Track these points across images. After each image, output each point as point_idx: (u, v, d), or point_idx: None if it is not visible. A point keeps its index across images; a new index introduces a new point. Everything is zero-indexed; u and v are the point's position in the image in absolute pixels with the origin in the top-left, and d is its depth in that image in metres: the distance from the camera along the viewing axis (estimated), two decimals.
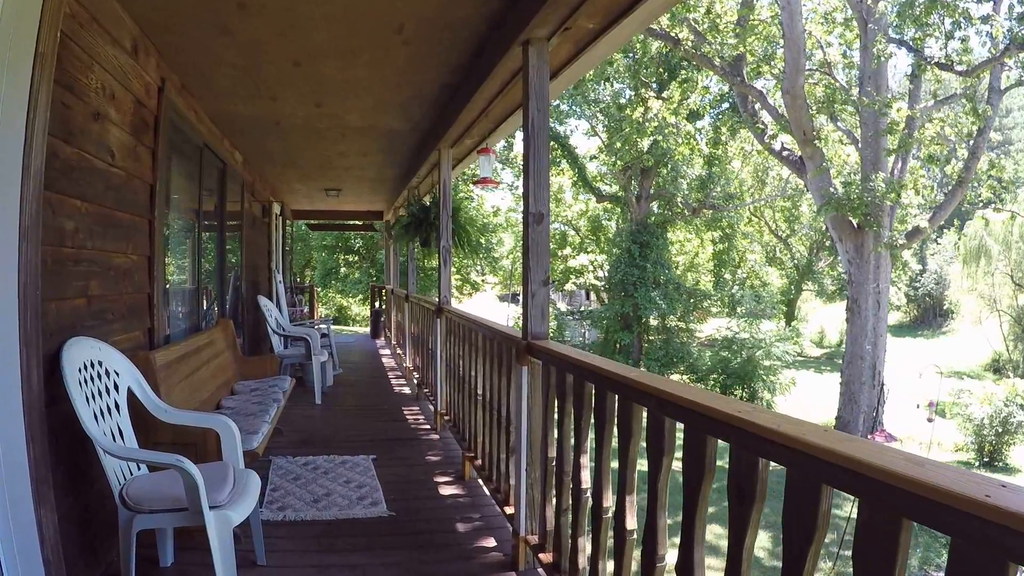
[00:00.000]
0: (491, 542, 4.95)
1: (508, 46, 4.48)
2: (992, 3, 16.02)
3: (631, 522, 3.05)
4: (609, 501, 3.31)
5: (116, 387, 4.12)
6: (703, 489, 2.46)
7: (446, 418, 7.87)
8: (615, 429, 3.16)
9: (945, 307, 54.18)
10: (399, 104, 7.10)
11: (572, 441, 3.71)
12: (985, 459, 22.30)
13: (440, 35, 5.07)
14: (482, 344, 5.77)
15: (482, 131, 7.39)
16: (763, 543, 12.90)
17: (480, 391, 5.86)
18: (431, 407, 8.87)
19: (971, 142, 18.17)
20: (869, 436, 17.20)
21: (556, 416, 3.94)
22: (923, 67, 16.75)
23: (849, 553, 12.18)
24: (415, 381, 10.70)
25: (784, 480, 2.05)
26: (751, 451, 2.17)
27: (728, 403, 2.32)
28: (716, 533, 12.88)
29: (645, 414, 2.85)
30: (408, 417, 9.06)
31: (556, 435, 3.94)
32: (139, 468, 4.02)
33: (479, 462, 5.96)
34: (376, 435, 8.04)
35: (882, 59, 17.24)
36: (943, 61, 16.46)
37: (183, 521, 3.58)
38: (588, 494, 3.57)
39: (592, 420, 3.46)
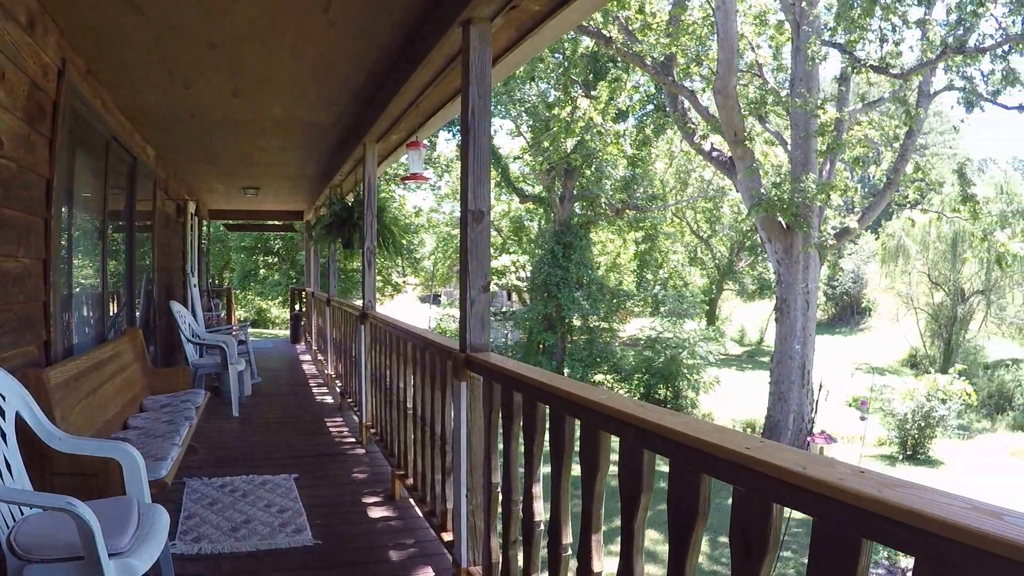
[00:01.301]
0: (429, 572, 4.54)
1: (447, 26, 4.04)
2: (925, 8, 16.13)
3: (597, 564, 2.64)
4: (569, 538, 2.89)
5: (2, 413, 3.57)
6: (695, 533, 2.08)
7: (372, 431, 7.35)
8: (577, 458, 2.75)
9: (863, 305, 55.54)
10: (323, 95, 6.65)
11: (522, 467, 3.27)
12: (908, 452, 22.75)
13: (370, 13, 4.61)
14: (412, 354, 5.30)
15: (411, 125, 6.92)
16: None
17: (411, 405, 5.38)
18: (356, 419, 8.36)
19: (899, 145, 18.35)
20: (808, 438, 17.19)
21: (501, 437, 3.50)
22: (857, 69, 16.83)
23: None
24: (338, 390, 10.18)
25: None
26: (765, 496, 1.79)
27: (733, 438, 1.92)
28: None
29: (618, 444, 2.44)
30: (332, 430, 8.57)
31: (501, 459, 3.51)
32: (31, 508, 3.46)
33: (410, 481, 5.48)
34: (298, 451, 7.55)
35: (816, 61, 17.27)
36: (877, 64, 16.53)
37: (80, 572, 3.03)
38: (543, 528, 3.15)
39: (547, 446, 3.03)
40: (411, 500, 5.63)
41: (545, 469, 3.01)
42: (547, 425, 2.99)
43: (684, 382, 30.27)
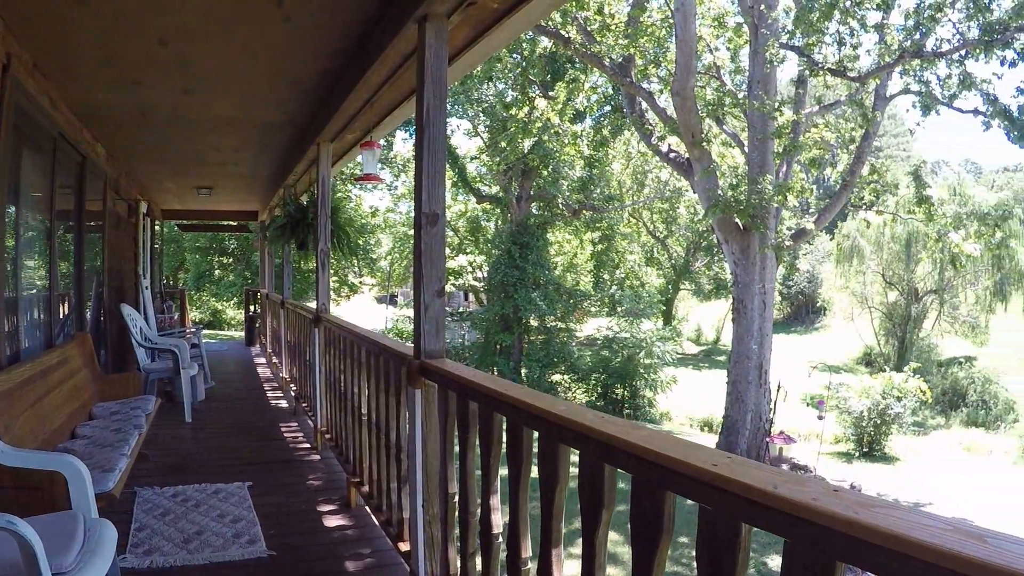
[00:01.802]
0: None
1: (402, 23, 3.92)
2: (883, 13, 16.26)
3: None
4: (529, 551, 2.80)
5: None
6: (660, 551, 2.00)
7: (327, 437, 7.21)
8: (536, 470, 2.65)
9: (818, 304, 56.22)
10: (276, 93, 6.51)
11: (479, 477, 3.17)
12: (864, 449, 23.09)
13: (324, 9, 4.48)
14: (366, 359, 5.17)
15: (366, 124, 6.79)
16: None
17: (365, 411, 5.26)
18: (311, 423, 8.20)
19: (855, 147, 18.51)
20: (767, 439, 17.32)
21: (457, 447, 3.39)
22: (815, 72, 16.93)
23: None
24: (292, 393, 10.01)
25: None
26: (734, 516, 1.71)
27: (699, 454, 1.83)
28: None
29: (577, 458, 2.34)
30: (286, 435, 8.40)
31: (458, 468, 3.40)
32: None
33: (366, 489, 5.36)
34: (252, 457, 7.38)
35: (774, 63, 17.36)
36: (835, 67, 16.65)
37: None
38: (501, 541, 3.05)
39: (504, 456, 2.93)
40: (367, 508, 5.49)
41: (505, 473, 2.92)
42: (504, 435, 2.89)
43: (641, 382, 30.48)
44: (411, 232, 41.29)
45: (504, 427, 2.89)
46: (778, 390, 13.94)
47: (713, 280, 49.81)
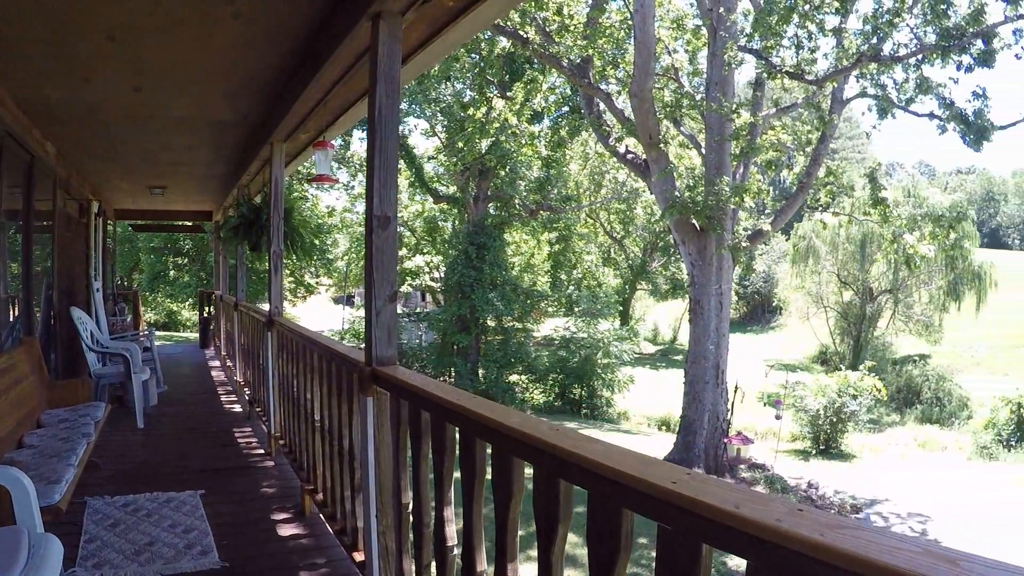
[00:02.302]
0: None
1: (355, 20, 3.82)
2: (841, 17, 16.38)
3: None
4: (484, 565, 2.72)
5: None
6: (617, 569, 1.92)
7: (281, 443, 7.07)
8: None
9: (774, 304, 56.86)
10: (229, 91, 6.37)
11: (433, 488, 3.08)
12: (821, 447, 23.33)
13: (277, 5, 4.36)
14: (319, 365, 5.06)
15: (319, 124, 6.67)
16: None
17: (318, 418, 5.14)
18: (264, 428, 8.04)
19: (811, 149, 18.65)
20: (725, 439, 17.38)
21: (410, 456, 3.30)
22: (773, 75, 17.01)
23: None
24: (247, 398, 9.82)
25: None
26: (694, 536, 1.63)
27: (657, 470, 1.76)
28: None
29: (532, 472, 2.26)
30: (240, 441, 8.25)
31: (411, 478, 3.31)
32: None
33: (320, 496, 5.25)
34: (205, 464, 7.23)
35: (732, 66, 17.43)
36: (793, 70, 16.74)
37: None
38: (456, 553, 2.96)
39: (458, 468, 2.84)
40: (322, 516, 5.37)
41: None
42: (457, 447, 2.80)
43: (599, 382, 30.67)
44: None
45: (457, 438, 2.80)
46: (735, 391, 14.00)
47: (670, 280, 50.19)
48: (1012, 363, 45.65)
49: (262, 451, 7.69)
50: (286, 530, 5.40)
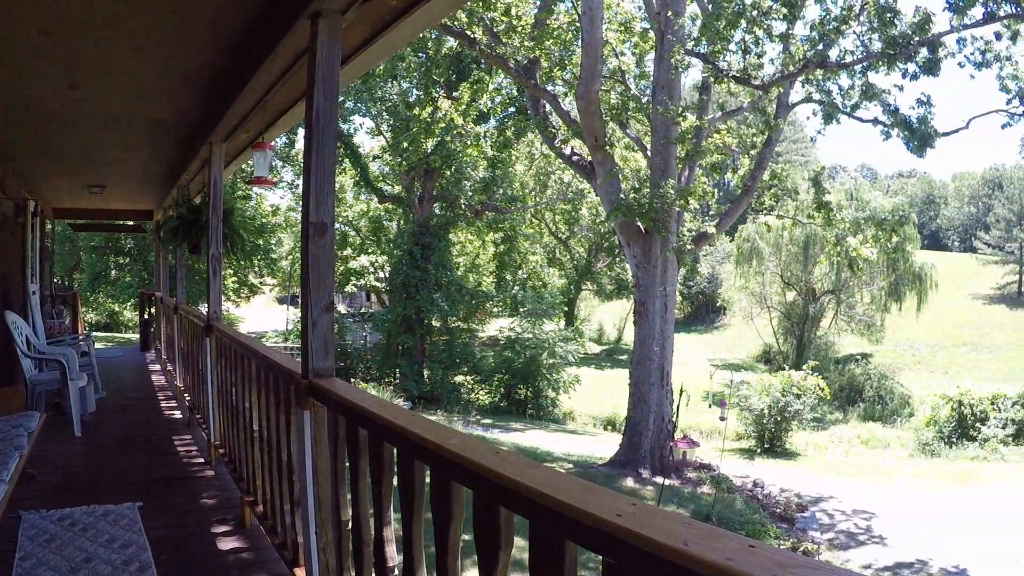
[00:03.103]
0: None
1: (294, 18, 3.67)
2: (788, 24, 16.50)
3: None
4: None
5: None
6: None
7: (221, 452, 6.89)
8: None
9: (718, 304, 57.51)
10: (166, 89, 6.18)
11: (372, 507, 2.96)
12: (766, 445, 23.58)
13: (215, 2, 4.20)
14: (256, 374, 4.90)
15: (260, 124, 6.52)
16: None
17: (257, 428, 4.98)
18: (205, 436, 7.82)
19: (756, 152, 18.80)
20: (671, 443, 17.42)
21: (350, 472, 3.18)
22: (720, 79, 17.09)
23: None
24: (187, 404, 9.58)
25: None
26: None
27: (601, 501, 1.67)
28: None
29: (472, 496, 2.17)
30: (180, 449, 8.03)
31: (350, 495, 3.19)
32: None
33: (260, 509, 5.10)
34: (144, 474, 7.01)
35: (679, 69, 17.49)
36: (739, 75, 16.83)
37: None
38: (397, 573, 2.86)
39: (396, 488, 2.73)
40: (262, 529, 5.21)
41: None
42: (395, 469, 2.69)
43: (544, 382, 30.82)
44: None
45: (396, 459, 2.69)
46: (680, 394, 14.04)
47: (615, 281, 50.62)
48: (952, 361, 46.71)
49: (202, 460, 7.49)
50: (226, 544, 5.24)
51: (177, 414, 10.03)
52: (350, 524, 3.25)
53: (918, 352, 48.56)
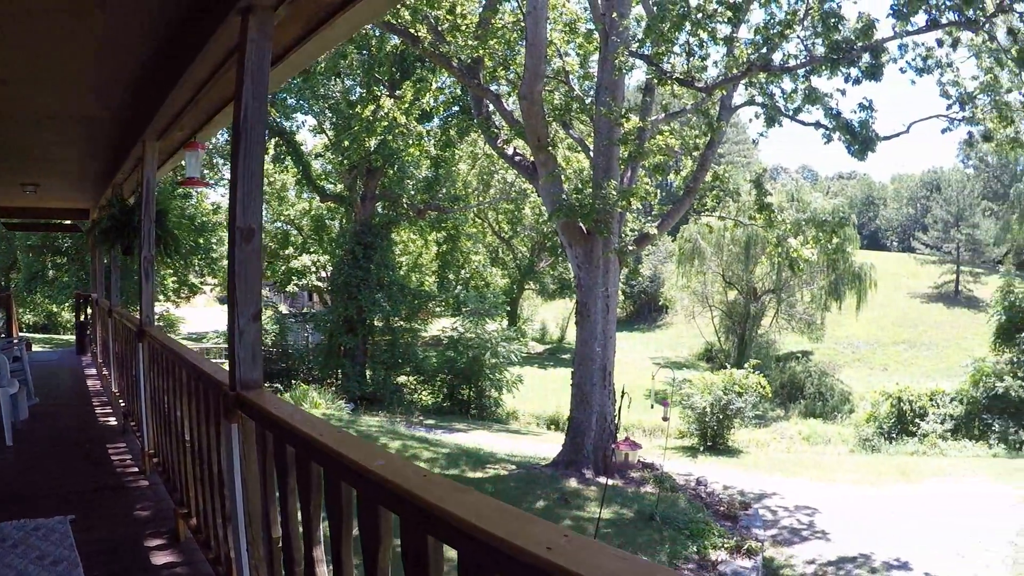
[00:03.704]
0: None
1: (224, 14, 3.54)
2: (732, 27, 16.57)
3: None
4: None
5: None
6: None
7: (155, 461, 6.69)
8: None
9: (660, 303, 58.06)
10: (98, 86, 5.99)
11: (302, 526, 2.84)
12: (708, 443, 23.77)
13: None
14: (187, 382, 4.74)
15: (195, 123, 6.34)
16: None
17: (189, 438, 4.82)
18: (139, 444, 7.60)
19: (699, 154, 18.89)
20: (614, 445, 17.40)
21: (279, 489, 3.05)
22: (663, 81, 17.12)
23: None
24: (122, 410, 9.32)
25: None
26: None
27: (532, 531, 1.58)
28: None
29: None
30: (114, 457, 7.80)
31: (281, 513, 3.06)
32: None
33: (194, 522, 4.94)
34: (77, 485, 6.79)
35: (623, 71, 17.49)
36: (683, 77, 16.87)
37: None
38: None
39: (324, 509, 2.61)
40: (196, 543, 5.04)
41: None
42: (323, 489, 2.57)
43: (487, 382, 30.88)
44: None
45: (323, 479, 2.57)
46: (622, 396, 14.04)
47: (557, 280, 50.92)
48: (891, 359, 47.67)
49: (136, 469, 7.28)
50: (160, 558, 5.08)
51: (112, 421, 9.77)
52: (281, 542, 3.13)
53: (857, 350, 49.48)
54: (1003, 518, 15.66)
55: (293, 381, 26.67)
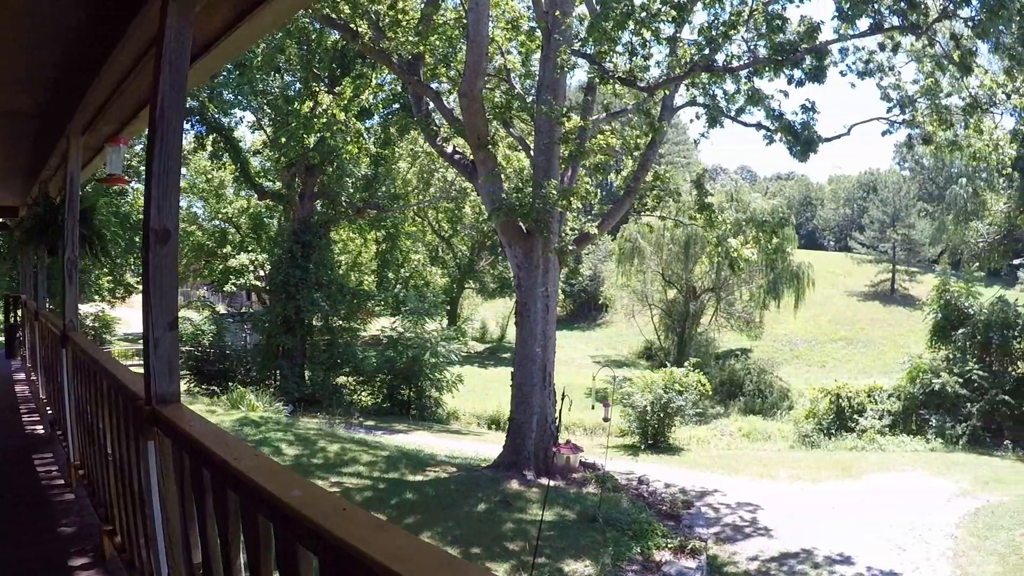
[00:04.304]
0: None
1: (144, 1, 3.30)
2: (675, 27, 16.55)
3: None
4: None
5: None
6: None
7: (81, 473, 6.35)
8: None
9: (600, 302, 58.42)
10: (19, 77, 5.71)
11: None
12: (649, 441, 23.87)
13: None
14: (108, 393, 4.46)
15: (121, 117, 6.05)
16: None
17: (111, 452, 4.54)
18: (65, 454, 7.24)
19: (639, 154, 18.90)
20: (555, 448, 17.29)
21: (198, 513, 2.82)
22: (605, 80, 17.05)
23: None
24: (48, 418, 8.93)
25: None
26: None
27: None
28: None
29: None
30: (40, 468, 7.42)
31: (200, 537, 2.83)
32: None
33: (119, 540, 4.66)
34: None
35: (564, 69, 17.41)
36: (625, 76, 16.81)
37: None
38: None
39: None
40: (121, 562, 4.75)
41: None
42: (240, 520, 2.34)
43: (427, 382, 30.78)
44: (191, 228, 39.87)
45: (240, 510, 2.34)
46: (562, 399, 13.95)
47: (498, 279, 51.07)
48: (829, 356, 48.51)
49: (62, 481, 6.92)
50: None
51: (40, 429, 9.36)
52: (202, 569, 2.90)
53: (796, 347, 50.21)
54: (942, 511, 15.89)
55: (231, 383, 26.16)
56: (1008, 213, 41.15)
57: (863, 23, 15.87)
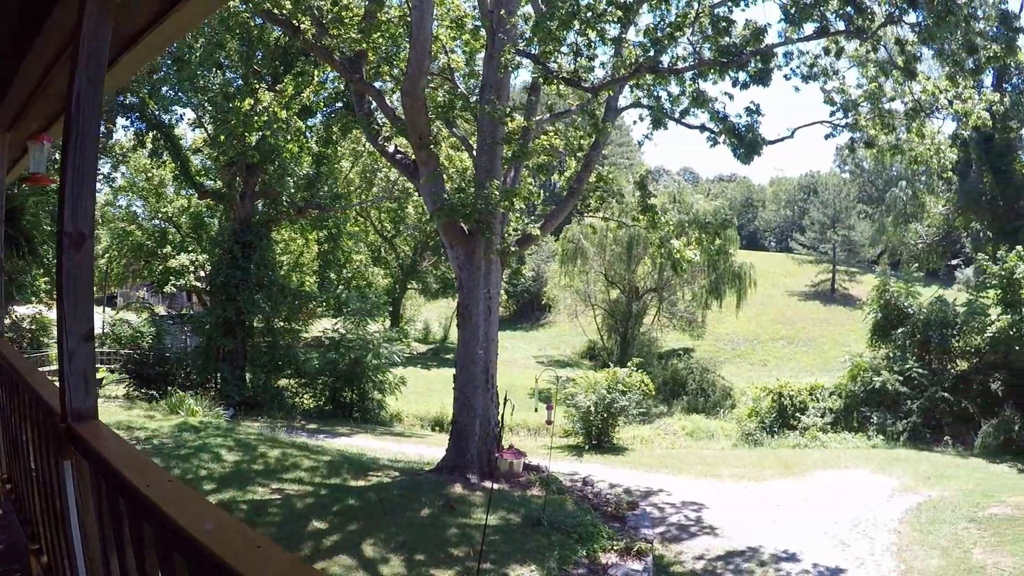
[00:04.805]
0: None
1: None
2: (621, 28, 16.50)
3: None
4: None
5: None
6: None
7: (8, 488, 6.02)
8: None
9: (543, 302, 58.65)
10: None
11: None
12: (593, 441, 23.95)
13: None
14: (29, 404, 4.18)
15: (48, 113, 5.75)
16: None
17: (34, 467, 4.29)
18: None
19: (583, 155, 18.89)
20: (497, 454, 17.16)
21: (116, 540, 2.60)
22: (549, 80, 16.97)
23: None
24: None
25: None
26: None
27: None
28: None
29: None
30: None
31: (120, 566, 2.62)
32: None
33: (45, 560, 4.37)
34: None
35: (508, 69, 17.30)
36: (569, 76, 16.74)
37: None
38: None
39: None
40: None
41: None
42: (156, 553, 2.14)
43: (370, 384, 30.57)
44: (131, 227, 39.05)
45: (155, 543, 2.14)
46: (505, 402, 13.80)
47: (440, 279, 51.07)
48: (770, 354, 49.16)
49: None
50: None
51: None
52: None
53: (738, 346, 50.81)
54: (885, 507, 16.06)
55: (170, 387, 25.62)
56: (946, 215, 42.13)
57: (809, 27, 16.02)
